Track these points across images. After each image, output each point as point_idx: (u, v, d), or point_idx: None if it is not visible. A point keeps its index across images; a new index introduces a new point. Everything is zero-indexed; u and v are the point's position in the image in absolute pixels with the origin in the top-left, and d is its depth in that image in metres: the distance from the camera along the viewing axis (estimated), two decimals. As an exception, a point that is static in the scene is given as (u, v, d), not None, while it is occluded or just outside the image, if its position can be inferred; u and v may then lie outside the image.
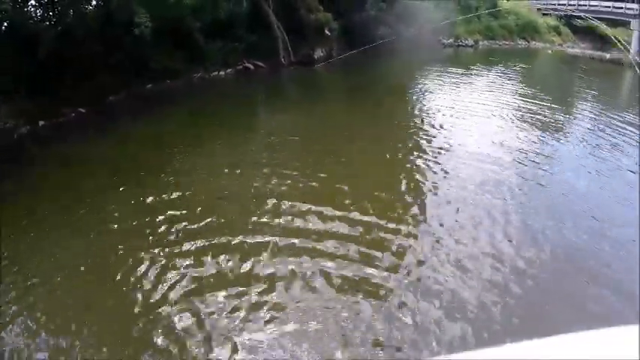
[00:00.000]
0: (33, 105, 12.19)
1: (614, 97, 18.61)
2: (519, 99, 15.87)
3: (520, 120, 13.16)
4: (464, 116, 13.25)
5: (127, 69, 15.06)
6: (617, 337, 0.88)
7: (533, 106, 14.60)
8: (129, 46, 14.80)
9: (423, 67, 21.92)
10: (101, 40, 14.46)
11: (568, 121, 13.77)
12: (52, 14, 14.73)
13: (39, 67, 12.60)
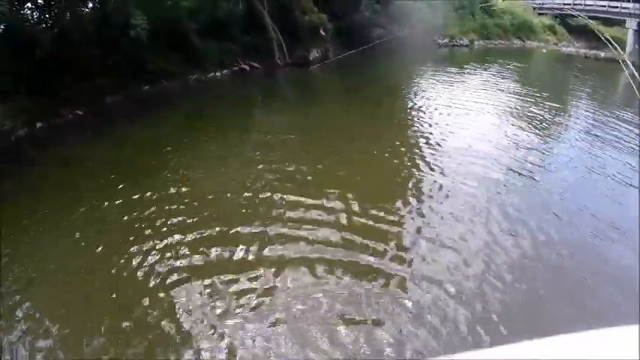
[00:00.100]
0: (30, 107, 12.25)
1: (607, 95, 18.75)
2: (514, 97, 16.01)
3: (515, 118, 13.34)
4: (459, 115, 13.44)
5: (123, 71, 15.09)
6: (617, 337, 0.87)
7: (527, 105, 14.77)
8: (125, 48, 14.84)
9: (417, 67, 22.03)
10: (98, 42, 14.51)
11: (562, 119, 13.92)
12: (48, 17, 14.84)
13: (36, 70, 12.67)
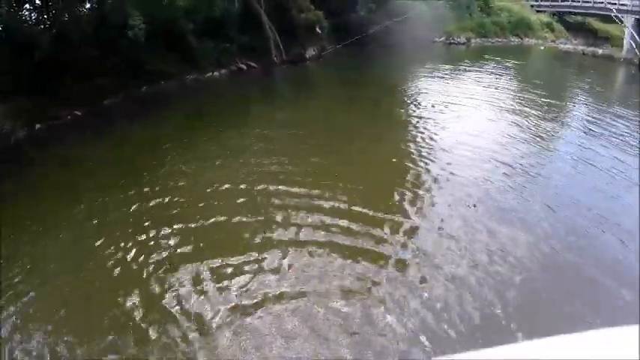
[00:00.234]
0: (30, 107, 12.37)
1: (604, 91, 18.80)
2: (510, 94, 16.10)
3: (511, 114, 13.42)
4: (454, 111, 13.55)
5: (121, 71, 15.18)
6: (617, 337, 0.88)
7: (524, 102, 14.83)
8: (123, 49, 14.94)
9: (413, 65, 22.08)
10: (96, 43, 14.60)
11: (559, 115, 13.98)
12: (46, 17, 14.94)
13: (35, 70, 12.78)
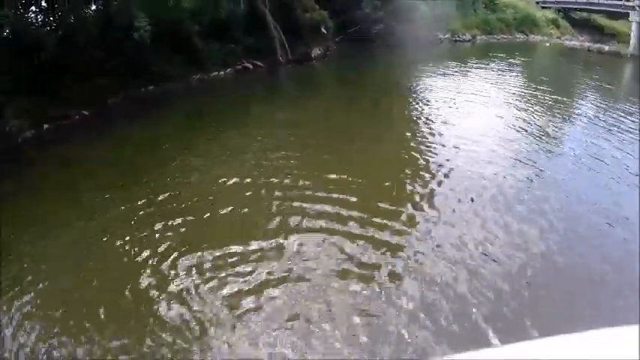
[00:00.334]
0: (37, 108, 12.43)
1: (610, 87, 18.71)
2: (518, 91, 16.09)
3: (520, 111, 13.47)
4: (462, 109, 13.59)
5: (127, 72, 15.23)
6: (617, 337, 0.88)
7: (532, 99, 14.86)
8: (129, 50, 14.97)
9: (419, 63, 22.02)
10: (102, 44, 14.69)
11: (566, 112, 13.93)
12: (52, 19, 15.04)
13: (42, 71, 12.87)
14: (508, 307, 5.37)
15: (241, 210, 7.82)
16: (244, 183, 8.83)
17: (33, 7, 14.76)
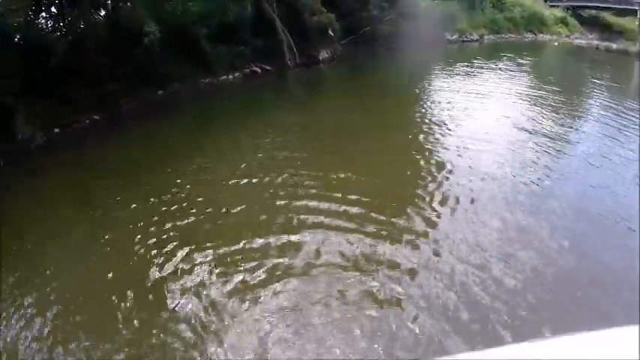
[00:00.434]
0: (47, 113, 12.59)
1: (619, 86, 18.59)
2: (526, 91, 16.04)
3: (528, 110, 13.44)
4: (469, 110, 13.57)
5: (137, 77, 15.35)
6: (617, 338, 0.88)
7: (540, 98, 14.81)
8: (139, 55, 15.11)
9: (427, 64, 22.06)
10: (111, 49, 14.82)
11: (574, 111, 13.87)
12: (62, 25, 15.22)
13: (52, 76, 12.98)
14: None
15: (249, 209, 7.91)
16: (252, 182, 8.93)
17: (43, 13, 14.93)
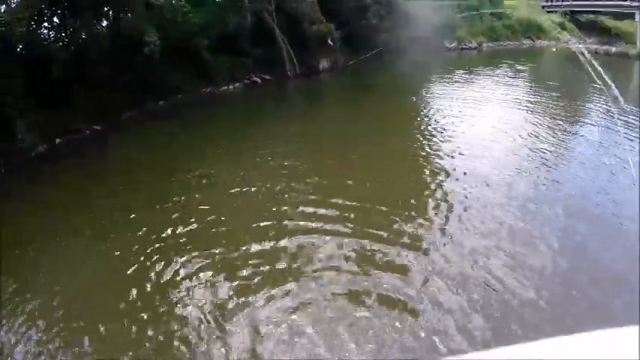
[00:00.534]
0: (49, 123, 12.66)
1: (618, 89, 18.57)
2: (525, 97, 16.04)
3: (528, 115, 13.46)
4: (468, 116, 13.63)
5: (138, 87, 15.49)
6: (617, 338, 0.88)
7: (539, 103, 14.82)
8: (139, 65, 15.22)
9: (426, 72, 22.15)
10: (113, 60, 14.95)
11: (573, 115, 13.87)
12: (64, 35, 15.38)
13: (53, 86, 13.09)
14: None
15: (247, 215, 7.95)
16: (252, 191, 8.97)
17: (46, 24, 15.09)
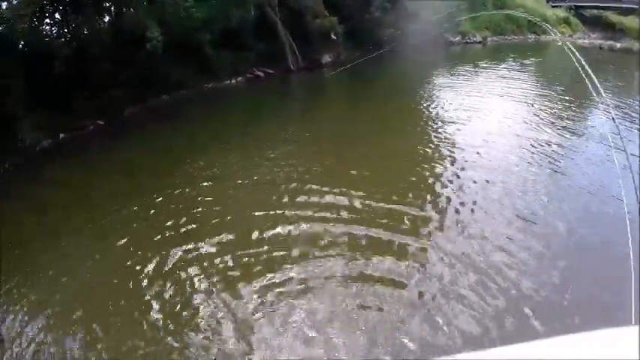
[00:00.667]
0: (52, 119, 12.67)
1: (624, 85, 18.48)
2: (531, 92, 15.96)
3: (533, 110, 13.43)
4: (475, 110, 13.57)
5: (140, 82, 15.44)
6: (617, 338, 0.88)
7: (544, 98, 14.78)
8: (142, 60, 15.16)
9: (430, 66, 22.01)
10: (115, 55, 14.89)
11: (579, 112, 13.76)
12: (66, 31, 15.31)
13: (56, 83, 13.08)
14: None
15: (251, 213, 7.93)
16: (256, 189, 8.97)
17: (47, 20, 15.02)
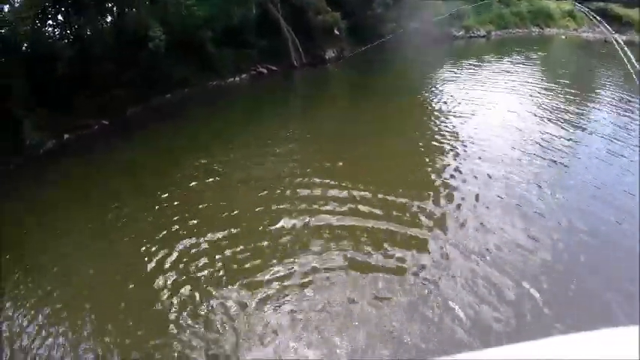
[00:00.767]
0: (56, 119, 12.66)
1: (628, 78, 18.28)
2: (536, 86, 15.86)
3: (538, 104, 13.35)
4: (480, 104, 13.53)
5: (144, 81, 15.38)
6: (617, 338, 0.89)
7: (550, 92, 14.65)
8: (145, 60, 15.13)
9: (435, 60, 21.90)
10: (118, 55, 14.88)
11: (585, 106, 13.69)
12: (69, 32, 15.30)
13: (60, 83, 13.08)
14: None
15: (253, 210, 7.93)
16: (259, 187, 8.89)
17: (50, 21, 15.01)
